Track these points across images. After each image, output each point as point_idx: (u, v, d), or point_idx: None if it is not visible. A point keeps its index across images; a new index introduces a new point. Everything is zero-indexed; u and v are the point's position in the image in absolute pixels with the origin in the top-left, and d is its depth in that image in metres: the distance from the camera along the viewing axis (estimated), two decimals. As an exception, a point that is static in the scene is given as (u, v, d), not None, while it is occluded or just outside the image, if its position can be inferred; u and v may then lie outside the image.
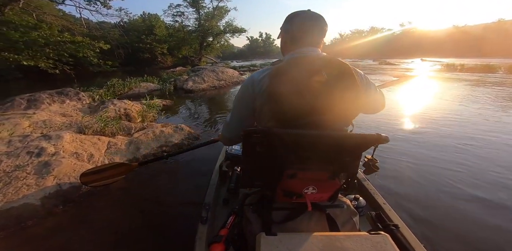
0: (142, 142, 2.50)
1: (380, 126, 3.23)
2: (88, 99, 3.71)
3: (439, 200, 1.58)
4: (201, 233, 0.87)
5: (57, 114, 2.91)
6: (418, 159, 2.22)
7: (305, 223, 0.61)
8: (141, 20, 21.88)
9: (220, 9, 21.35)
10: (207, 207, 1.00)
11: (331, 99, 0.57)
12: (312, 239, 0.50)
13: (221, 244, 0.59)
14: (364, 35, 58.64)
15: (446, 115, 3.73)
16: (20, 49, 8.73)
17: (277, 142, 0.53)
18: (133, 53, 17.36)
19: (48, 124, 2.52)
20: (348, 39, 61.67)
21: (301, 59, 0.61)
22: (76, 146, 2.10)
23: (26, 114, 2.64)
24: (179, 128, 2.95)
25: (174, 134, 2.80)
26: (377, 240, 0.51)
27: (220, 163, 1.41)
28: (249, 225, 0.62)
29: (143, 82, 6.70)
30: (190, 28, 21.63)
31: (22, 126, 2.32)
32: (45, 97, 3.14)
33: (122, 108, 3.52)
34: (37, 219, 1.34)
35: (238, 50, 67.03)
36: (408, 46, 43.19)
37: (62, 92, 3.48)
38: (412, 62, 23.12)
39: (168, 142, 2.60)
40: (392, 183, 1.77)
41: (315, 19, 0.66)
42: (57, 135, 2.13)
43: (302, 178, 0.57)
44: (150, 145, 2.47)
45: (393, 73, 11.61)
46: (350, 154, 0.59)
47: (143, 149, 2.38)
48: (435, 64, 18.23)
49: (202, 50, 22.19)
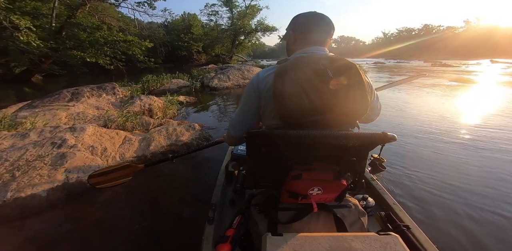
0: (154, 139, 2.53)
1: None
2: (121, 93, 4.04)
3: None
4: (208, 233, 0.87)
5: (92, 107, 3.22)
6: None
7: (312, 224, 0.60)
8: (181, 19, 23.45)
9: (252, 7, 21.48)
10: (213, 208, 1.01)
11: (336, 98, 0.55)
12: (319, 240, 0.49)
13: (227, 244, 0.58)
14: (414, 33, 50.80)
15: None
16: (85, 47, 10.35)
17: (280, 144, 0.53)
18: (172, 51, 18.85)
19: (81, 116, 2.78)
20: (394, 38, 55.36)
21: (306, 58, 0.60)
22: (94, 139, 2.23)
23: (67, 105, 2.99)
24: (192, 127, 2.92)
25: (186, 133, 2.78)
26: (387, 241, 0.49)
27: (226, 163, 1.39)
28: (255, 226, 0.62)
29: (174, 79, 7.12)
30: (223, 27, 22.32)
31: (59, 117, 2.60)
32: (86, 90, 3.52)
33: (147, 104, 3.72)
34: (39, 211, 1.41)
35: (269, 48, 66.35)
36: (472, 46, 35.80)
37: (101, 87, 3.86)
38: (477, 63, 19.27)
39: (178, 141, 2.58)
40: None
41: (320, 18, 0.67)
42: (81, 127, 2.31)
43: (307, 179, 0.56)
44: (160, 143, 2.49)
45: (449, 76, 9.62)
46: (356, 153, 0.58)
47: (153, 146, 2.40)
48: (509, 66, 14.66)
49: (233, 49, 22.70)
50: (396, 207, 1.00)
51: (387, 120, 3.46)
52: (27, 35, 6.45)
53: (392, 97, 5.30)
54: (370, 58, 40.04)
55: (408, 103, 4.70)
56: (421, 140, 2.68)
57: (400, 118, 3.59)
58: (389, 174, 1.86)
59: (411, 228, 0.66)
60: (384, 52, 45.05)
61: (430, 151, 2.36)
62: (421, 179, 1.81)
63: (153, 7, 12.08)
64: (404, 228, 0.63)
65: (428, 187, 1.71)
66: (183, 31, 20.59)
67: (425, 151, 2.36)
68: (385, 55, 43.39)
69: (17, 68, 10.37)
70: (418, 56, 34.35)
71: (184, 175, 2.04)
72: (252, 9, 21.53)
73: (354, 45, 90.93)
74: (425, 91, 6.13)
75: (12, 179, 1.51)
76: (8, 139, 1.90)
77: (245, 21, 21.32)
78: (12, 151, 1.75)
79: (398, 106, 4.39)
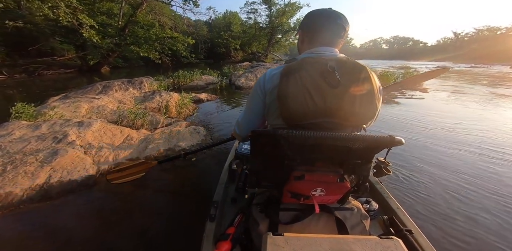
0: (154, 141, 2.39)
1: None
2: (148, 88, 4.17)
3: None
4: (209, 231, 0.86)
5: (115, 100, 3.36)
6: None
7: (313, 225, 0.60)
8: (223, 17, 23.97)
9: (291, 5, 20.31)
10: (215, 205, 1.00)
11: (341, 102, 0.53)
12: (319, 241, 0.47)
13: (227, 242, 0.57)
14: (499, 33, 39.21)
15: None
16: (141, 43, 11.65)
17: (284, 144, 0.52)
18: (212, 48, 19.62)
19: (100, 110, 2.89)
20: (469, 38, 44.77)
21: (314, 59, 0.57)
22: (96, 136, 2.21)
23: (94, 98, 3.17)
24: (197, 131, 2.68)
25: (188, 137, 2.56)
26: (388, 245, 0.47)
27: (229, 162, 1.38)
28: (256, 225, 0.61)
29: (204, 75, 7.17)
30: (261, 24, 21.82)
31: (80, 109, 2.75)
32: (116, 84, 3.72)
33: (165, 100, 3.71)
34: (14, 210, 1.37)
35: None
36: None
37: (131, 81, 4.04)
38: None
39: (176, 146, 2.38)
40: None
41: (334, 18, 0.62)
42: (89, 122, 2.33)
43: (310, 180, 0.55)
44: (158, 146, 2.33)
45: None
46: (361, 156, 0.56)
47: (149, 149, 2.25)
48: None
49: (269, 47, 22.11)
50: (400, 211, 0.97)
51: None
52: (88, 32, 7.48)
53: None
54: (433, 62, 34.16)
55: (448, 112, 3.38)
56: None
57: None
58: (393, 177, 1.84)
59: (413, 232, 0.67)
60: (454, 55, 37.73)
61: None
62: (427, 184, 1.77)
63: (197, 5, 12.59)
64: (406, 232, 0.63)
65: (434, 192, 1.68)
66: (223, 29, 20.99)
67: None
68: (454, 58, 36.62)
69: (91, 61, 12.47)
70: (502, 60, 26.52)
71: (188, 173, 2.00)
72: (292, 7, 20.39)
73: (411, 46, 77.27)
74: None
75: (2, 172, 1.53)
76: (23, 129, 2.02)
77: (283, 19, 20.42)
78: (18, 142, 1.83)
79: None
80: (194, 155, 2.20)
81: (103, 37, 11.50)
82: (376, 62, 35.00)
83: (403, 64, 22.75)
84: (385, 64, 29.09)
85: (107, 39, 11.33)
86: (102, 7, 11.70)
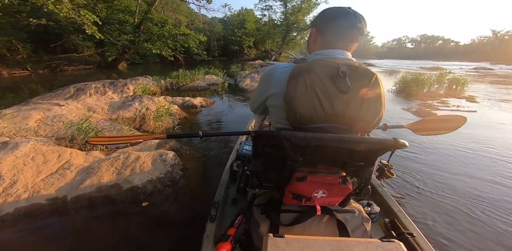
0: (97, 172, 1.73)
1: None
2: (131, 91, 3.56)
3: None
4: (209, 231, 0.83)
5: (85, 107, 2.78)
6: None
7: (314, 227, 0.59)
8: (237, 15, 22.74)
9: (308, 2, 18.50)
10: (216, 206, 0.97)
11: (349, 108, 0.51)
12: (320, 243, 0.47)
13: (228, 243, 0.57)
14: None
15: None
16: (154, 40, 11.35)
17: (286, 145, 0.50)
18: (225, 45, 18.94)
19: (55, 122, 2.30)
20: (509, 37, 39.96)
21: (325, 61, 0.54)
22: (18, 163, 1.59)
23: (58, 104, 2.61)
24: (163, 159, 1.95)
25: (147, 168, 1.82)
26: (389, 248, 0.46)
27: (231, 162, 1.33)
28: (257, 226, 0.60)
29: (207, 75, 6.45)
30: (275, 22, 20.25)
31: (28, 121, 2.18)
32: (93, 87, 3.15)
33: (144, 108, 3.05)
34: None
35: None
36: None
37: (113, 83, 3.45)
38: None
39: (125, 183, 1.67)
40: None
41: (354, 21, 0.56)
42: (15, 143, 1.72)
43: (312, 182, 0.54)
44: (100, 182, 1.63)
45: None
46: (364, 158, 0.55)
47: (83, 188, 1.59)
48: None
49: (284, 45, 20.54)
50: (401, 214, 0.93)
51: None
52: (91, 28, 7.19)
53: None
54: (466, 62, 29.92)
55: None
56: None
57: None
58: (397, 180, 1.73)
59: (415, 236, 0.64)
60: (492, 55, 33.21)
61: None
62: (430, 187, 1.68)
63: (209, 1, 11.94)
64: (408, 235, 0.61)
65: (437, 197, 1.58)
66: (237, 26, 19.98)
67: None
68: (493, 58, 32.18)
69: (109, 57, 12.54)
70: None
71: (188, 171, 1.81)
72: (308, 4, 18.55)
73: (440, 45, 68.62)
74: None
75: None
76: None
77: (299, 17, 18.72)
78: None
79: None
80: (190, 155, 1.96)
81: (119, 34, 11.38)
82: (399, 62, 31.12)
83: (433, 65, 19.73)
84: (410, 64, 25.57)
85: (123, 36, 11.21)
86: (120, 4, 11.56)
